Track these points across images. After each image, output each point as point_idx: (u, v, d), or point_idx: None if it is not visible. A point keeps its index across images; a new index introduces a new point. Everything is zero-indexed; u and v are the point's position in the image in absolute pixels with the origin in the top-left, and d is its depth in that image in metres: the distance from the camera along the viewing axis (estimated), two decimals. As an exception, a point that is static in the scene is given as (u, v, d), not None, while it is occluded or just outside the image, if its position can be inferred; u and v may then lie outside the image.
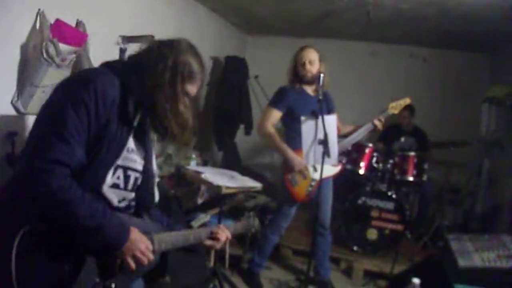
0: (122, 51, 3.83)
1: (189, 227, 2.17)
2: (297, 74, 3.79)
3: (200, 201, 4.49)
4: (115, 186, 1.70)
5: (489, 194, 5.62)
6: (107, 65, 1.75)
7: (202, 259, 3.83)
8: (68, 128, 1.48)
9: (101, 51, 3.62)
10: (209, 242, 2.07)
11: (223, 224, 2.20)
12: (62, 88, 1.61)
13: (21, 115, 3.02)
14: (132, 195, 1.81)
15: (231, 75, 5.91)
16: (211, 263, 4.05)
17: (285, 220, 4.02)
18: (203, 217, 4.13)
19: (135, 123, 1.75)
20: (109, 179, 1.65)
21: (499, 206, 5.16)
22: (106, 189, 1.66)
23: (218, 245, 2.10)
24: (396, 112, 3.88)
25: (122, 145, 1.68)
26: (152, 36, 3.85)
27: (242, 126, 6.20)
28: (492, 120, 5.56)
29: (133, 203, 1.83)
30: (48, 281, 1.50)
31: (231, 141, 6.14)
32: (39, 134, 1.52)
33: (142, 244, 1.66)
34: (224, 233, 2.10)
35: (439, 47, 6.38)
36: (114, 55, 3.86)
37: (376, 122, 3.78)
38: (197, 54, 1.86)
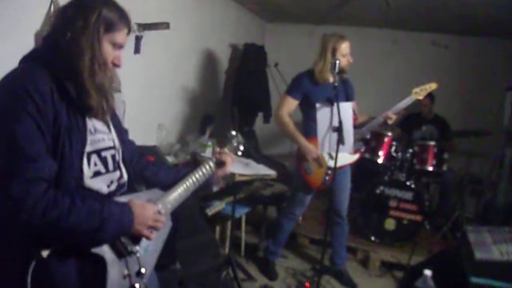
0: (138, 38, 3.82)
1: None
2: (333, 65, 3.46)
3: (215, 188, 4.48)
4: (96, 174, 1.58)
5: (511, 186, 5.51)
6: (25, 59, 1.57)
7: (216, 246, 3.83)
8: (23, 144, 1.36)
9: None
10: (220, 172, 2.04)
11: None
12: None
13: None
14: (117, 173, 1.71)
15: (250, 62, 5.87)
16: (226, 251, 4.06)
17: (299, 208, 4.00)
18: (219, 204, 4.12)
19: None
20: (87, 170, 1.53)
21: (522, 198, 5.06)
22: (89, 181, 1.54)
23: (228, 169, 2.05)
24: (420, 97, 3.77)
25: (83, 131, 1.53)
26: (168, 24, 3.85)
27: (260, 114, 6.16)
28: (515, 110, 5.44)
29: (122, 181, 1.74)
30: None
31: (249, 129, 6.11)
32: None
33: (149, 212, 1.62)
34: (228, 155, 2.04)
35: (461, 34, 6.25)
36: (129, 42, 3.85)
37: (387, 117, 3.71)
38: (109, 1, 1.63)
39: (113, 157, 1.69)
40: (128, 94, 3.51)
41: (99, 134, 1.63)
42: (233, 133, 2.26)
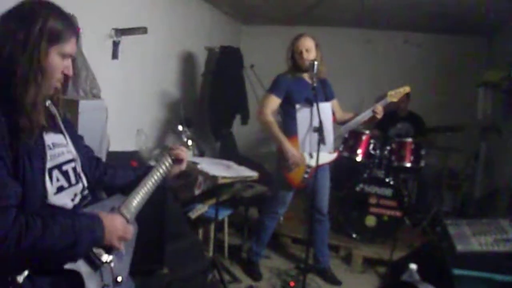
0: (116, 44, 3.81)
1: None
2: (295, 63, 3.78)
3: (197, 192, 4.49)
4: (60, 189, 1.53)
5: (487, 179, 5.63)
6: None
7: (201, 249, 3.83)
8: None
9: (94, 44, 3.60)
10: (176, 169, 2.01)
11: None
12: None
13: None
14: (80, 185, 1.66)
15: (226, 65, 5.87)
16: (210, 253, 4.06)
17: (281, 207, 4.04)
18: (201, 208, 4.12)
19: None
20: (50, 187, 1.47)
21: (497, 190, 5.16)
22: (53, 198, 1.49)
23: (184, 165, 2.02)
24: (395, 100, 3.87)
25: (41, 147, 1.48)
26: (145, 28, 3.85)
27: (238, 116, 6.18)
28: (488, 105, 5.55)
29: (85, 192, 1.69)
30: None
31: (227, 131, 6.13)
32: None
33: (117, 224, 1.61)
34: (183, 150, 2.01)
35: (434, 32, 6.36)
36: (107, 48, 3.85)
37: (377, 110, 3.77)
38: (54, 9, 1.50)
39: (74, 169, 1.64)
40: (106, 99, 3.51)
41: (58, 148, 1.58)
42: (180, 128, 2.26)
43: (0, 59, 1.40)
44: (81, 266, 1.51)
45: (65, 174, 1.58)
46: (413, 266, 3.14)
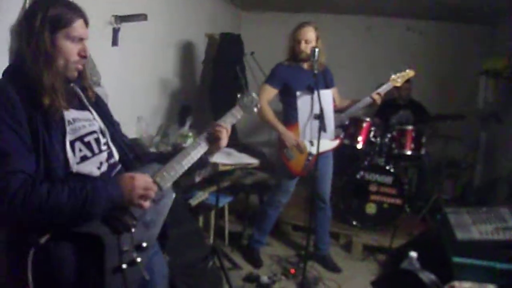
0: (116, 31, 3.79)
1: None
2: (294, 52, 3.77)
3: (198, 179, 4.49)
4: (83, 158, 1.64)
5: (487, 167, 5.63)
6: (2, 73, 1.65)
7: (201, 236, 3.83)
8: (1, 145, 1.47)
9: (94, 31, 3.57)
10: (214, 148, 1.98)
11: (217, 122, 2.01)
12: None
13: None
14: (105, 154, 1.75)
15: (227, 51, 5.84)
16: (211, 240, 4.07)
17: (284, 196, 4.04)
18: (201, 195, 4.12)
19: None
20: (72, 157, 1.59)
21: (497, 179, 5.17)
22: (78, 167, 1.61)
23: (223, 143, 1.97)
24: (398, 84, 3.87)
25: (61, 123, 1.60)
26: (145, 15, 3.82)
27: (238, 104, 6.15)
28: (489, 93, 5.56)
29: (112, 160, 1.78)
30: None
31: (229, 118, 6.10)
32: None
33: (138, 182, 1.62)
34: (223, 128, 1.96)
35: (436, 20, 6.32)
36: (107, 35, 3.82)
37: (375, 96, 3.77)
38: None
39: (97, 140, 1.73)
40: (107, 86, 3.49)
41: (79, 122, 1.68)
42: (246, 91, 2.20)
43: (18, 55, 1.61)
44: (101, 230, 1.58)
45: (88, 144, 1.68)
46: (413, 254, 3.14)
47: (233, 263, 4.09)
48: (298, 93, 3.61)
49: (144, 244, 1.68)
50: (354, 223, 4.73)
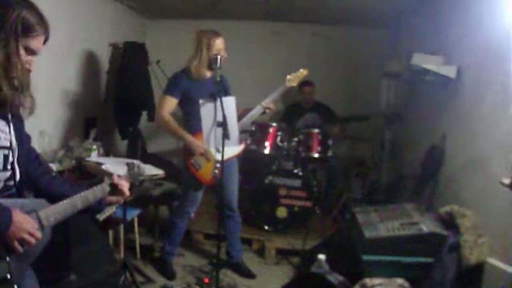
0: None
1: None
2: (209, 60, 3.63)
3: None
4: None
5: (393, 165, 5.82)
6: None
7: (111, 251, 3.74)
8: None
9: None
10: (113, 198, 1.96)
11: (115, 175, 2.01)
12: None
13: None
14: (7, 173, 1.71)
15: (131, 61, 5.71)
16: (121, 255, 3.94)
17: (192, 206, 3.98)
18: (109, 209, 3.97)
19: None
20: None
21: (402, 176, 5.36)
22: None
23: (123, 199, 1.97)
24: (294, 84, 3.93)
25: None
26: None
27: (145, 113, 6.03)
28: (391, 94, 5.75)
29: (10, 182, 1.72)
30: None
31: (134, 128, 5.96)
32: None
33: (27, 225, 1.56)
34: (125, 183, 1.97)
35: (341, 24, 6.49)
36: None
37: (266, 105, 3.82)
38: (31, 5, 1.68)
39: (5, 157, 1.70)
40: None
41: None
42: (135, 162, 2.28)
43: None
44: None
45: None
46: (321, 257, 3.18)
47: (145, 277, 3.98)
48: (201, 101, 3.57)
49: (8, 276, 1.59)
50: (266, 227, 4.73)
